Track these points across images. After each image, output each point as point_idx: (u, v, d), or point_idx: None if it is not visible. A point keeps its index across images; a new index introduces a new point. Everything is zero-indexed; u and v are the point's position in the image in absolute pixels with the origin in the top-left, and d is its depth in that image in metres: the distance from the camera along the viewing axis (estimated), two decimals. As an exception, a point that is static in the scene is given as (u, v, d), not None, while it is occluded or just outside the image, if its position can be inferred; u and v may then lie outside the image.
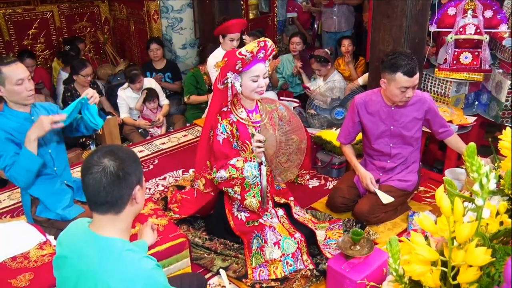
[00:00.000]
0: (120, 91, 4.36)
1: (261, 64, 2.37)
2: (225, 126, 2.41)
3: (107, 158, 1.37)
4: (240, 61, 2.29)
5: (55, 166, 2.52)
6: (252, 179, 2.40)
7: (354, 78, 4.52)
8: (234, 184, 2.39)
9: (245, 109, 2.48)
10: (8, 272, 1.99)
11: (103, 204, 1.38)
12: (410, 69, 2.44)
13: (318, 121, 4.17)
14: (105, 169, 1.35)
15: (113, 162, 1.36)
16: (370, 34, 3.58)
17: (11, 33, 5.40)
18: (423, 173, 3.15)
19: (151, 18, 5.34)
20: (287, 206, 2.63)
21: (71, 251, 1.43)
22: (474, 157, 1.08)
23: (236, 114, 2.45)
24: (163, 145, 4.04)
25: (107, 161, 1.36)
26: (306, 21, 6.26)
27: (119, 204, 1.39)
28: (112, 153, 1.39)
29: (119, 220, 1.42)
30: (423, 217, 1.16)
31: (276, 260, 2.34)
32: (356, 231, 2.03)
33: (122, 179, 1.37)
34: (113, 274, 1.32)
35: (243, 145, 2.46)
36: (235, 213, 2.52)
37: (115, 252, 1.36)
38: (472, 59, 3.46)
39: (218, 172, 2.38)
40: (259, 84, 2.37)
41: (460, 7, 3.41)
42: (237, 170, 2.37)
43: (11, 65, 2.28)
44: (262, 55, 2.36)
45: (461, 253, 1.09)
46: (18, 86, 2.29)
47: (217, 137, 2.41)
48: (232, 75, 2.36)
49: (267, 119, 2.50)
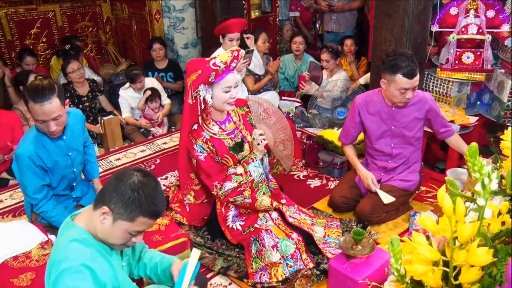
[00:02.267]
0: (122, 91, 4.36)
1: (232, 73, 2.33)
2: (201, 145, 2.37)
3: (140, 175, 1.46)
4: (214, 72, 2.22)
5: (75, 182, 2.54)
6: (260, 177, 2.41)
7: (356, 78, 4.52)
8: (243, 190, 2.38)
9: (216, 122, 2.43)
10: (10, 272, 2.00)
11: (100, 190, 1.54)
12: (410, 70, 2.43)
13: (320, 121, 4.17)
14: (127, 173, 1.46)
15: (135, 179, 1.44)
16: (372, 33, 3.57)
17: (13, 33, 5.40)
18: (425, 173, 3.15)
19: (153, 17, 5.34)
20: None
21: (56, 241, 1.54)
22: (476, 157, 1.08)
23: (208, 130, 2.39)
24: (164, 144, 4.04)
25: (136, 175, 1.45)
26: (309, 21, 6.25)
27: (98, 201, 1.48)
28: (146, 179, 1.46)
29: (92, 216, 1.50)
30: (425, 217, 1.16)
31: (276, 263, 2.32)
32: (358, 231, 2.03)
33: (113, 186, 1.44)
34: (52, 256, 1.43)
35: (223, 160, 2.44)
36: (230, 224, 2.51)
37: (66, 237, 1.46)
38: (474, 59, 3.45)
39: (223, 186, 2.36)
40: (231, 94, 2.33)
41: (462, 6, 3.40)
42: (242, 176, 2.36)
43: (36, 104, 2.12)
44: (234, 64, 2.31)
45: (462, 253, 1.09)
46: (40, 124, 2.22)
47: (198, 157, 2.36)
48: (203, 87, 2.28)
49: (242, 124, 2.48)
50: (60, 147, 2.37)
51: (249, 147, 2.48)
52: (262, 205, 2.44)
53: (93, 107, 4.46)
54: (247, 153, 2.46)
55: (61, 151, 2.38)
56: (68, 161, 2.42)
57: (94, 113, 4.44)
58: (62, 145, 2.38)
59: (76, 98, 4.32)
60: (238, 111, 2.54)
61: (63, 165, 2.41)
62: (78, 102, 4.34)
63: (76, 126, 2.47)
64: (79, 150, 2.50)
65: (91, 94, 4.42)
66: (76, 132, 2.46)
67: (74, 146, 2.45)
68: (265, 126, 2.47)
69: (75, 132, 2.46)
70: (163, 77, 4.99)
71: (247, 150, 2.47)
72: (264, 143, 2.38)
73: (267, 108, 2.55)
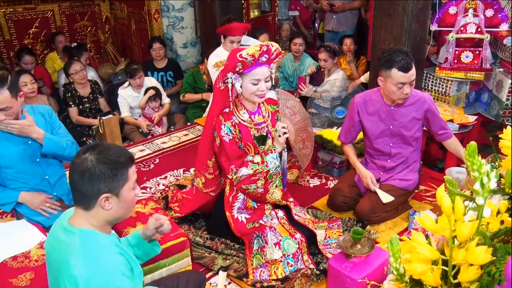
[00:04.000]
0: (121, 90, 4.36)
1: (264, 67, 2.35)
2: (229, 127, 2.41)
3: (89, 153, 1.42)
4: (240, 63, 2.27)
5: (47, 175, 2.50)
6: (275, 169, 2.43)
7: (356, 77, 4.52)
8: (257, 179, 2.41)
9: (247, 111, 2.47)
10: (9, 272, 1.99)
11: (74, 194, 1.45)
12: (404, 64, 2.44)
13: (319, 120, 4.16)
14: (78, 164, 1.41)
15: (90, 159, 1.40)
16: (371, 33, 3.57)
17: (12, 32, 5.40)
18: (424, 172, 3.15)
19: (152, 17, 5.34)
20: (286, 208, 2.63)
21: (52, 243, 1.49)
22: (475, 156, 1.08)
23: (238, 116, 2.44)
24: (164, 144, 4.04)
25: (85, 157, 1.41)
26: (308, 20, 6.25)
27: (86, 201, 1.44)
28: (96, 150, 1.43)
29: (90, 216, 1.47)
30: (424, 216, 1.16)
31: (277, 261, 2.34)
32: (357, 230, 2.03)
33: (88, 178, 1.40)
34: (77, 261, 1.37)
35: (246, 147, 2.46)
36: (235, 215, 2.52)
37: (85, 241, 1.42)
38: (473, 58, 3.45)
39: (238, 171, 2.38)
40: (259, 87, 2.36)
41: (461, 6, 3.41)
42: (259, 165, 2.39)
43: None
44: (265, 59, 2.33)
45: (461, 252, 1.09)
46: None
47: (223, 138, 2.40)
48: (232, 75, 2.34)
49: (269, 121, 2.50)
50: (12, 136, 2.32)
51: (271, 142, 2.50)
52: (273, 198, 2.47)
53: (93, 108, 4.46)
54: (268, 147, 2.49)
55: (16, 139, 2.33)
56: (27, 150, 2.37)
57: (94, 114, 4.44)
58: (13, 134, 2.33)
59: (77, 99, 4.33)
60: (268, 108, 2.58)
61: (21, 153, 2.37)
62: (79, 102, 4.34)
63: (40, 118, 2.44)
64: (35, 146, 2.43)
65: (92, 95, 4.42)
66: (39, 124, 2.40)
67: None
68: (289, 121, 2.48)
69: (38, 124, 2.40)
70: (162, 76, 4.99)
71: (268, 145, 2.50)
72: (285, 136, 2.41)
73: (292, 105, 2.60)
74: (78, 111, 4.37)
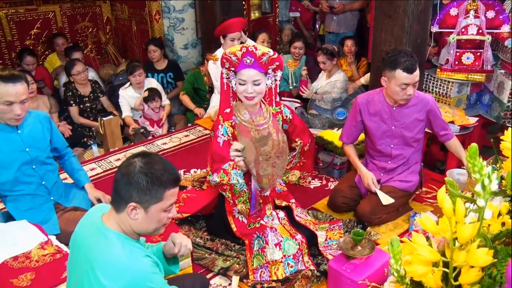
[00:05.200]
0: (122, 91, 4.37)
1: (251, 70, 2.33)
2: (226, 128, 2.40)
3: (139, 158, 1.43)
4: (225, 60, 2.32)
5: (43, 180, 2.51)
6: (240, 186, 2.37)
7: (356, 79, 4.52)
8: (225, 190, 2.40)
9: (248, 111, 2.46)
10: (10, 272, 1.99)
11: (112, 192, 1.46)
12: (409, 65, 2.45)
13: (320, 122, 4.16)
14: (125, 166, 1.42)
15: (137, 164, 1.41)
16: (372, 34, 3.57)
17: (13, 33, 5.40)
18: (425, 174, 3.14)
19: (153, 18, 5.34)
20: (288, 209, 2.62)
21: (82, 238, 1.49)
22: (476, 158, 1.08)
23: (239, 116, 2.43)
24: (164, 145, 4.04)
25: (136, 160, 1.42)
26: (308, 21, 6.25)
27: (118, 202, 1.44)
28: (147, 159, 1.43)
29: (119, 219, 1.46)
30: (425, 217, 1.16)
31: (277, 261, 2.34)
32: (358, 232, 2.03)
33: (126, 181, 1.40)
34: (105, 264, 1.37)
35: None
36: (236, 215, 2.52)
37: (114, 243, 1.41)
38: (474, 60, 3.45)
39: (213, 176, 2.38)
40: (246, 89, 2.34)
41: (462, 7, 3.40)
42: (226, 176, 2.35)
43: (8, 84, 2.18)
44: (249, 61, 2.32)
45: (462, 254, 1.09)
46: (5, 106, 2.23)
47: (217, 139, 2.40)
48: (227, 72, 2.41)
49: (271, 122, 2.49)
50: (15, 141, 2.36)
51: (272, 144, 2.47)
52: (242, 212, 2.46)
53: (94, 108, 4.48)
54: (269, 149, 2.45)
55: (16, 145, 2.36)
56: (25, 157, 2.40)
57: (94, 114, 4.46)
58: (17, 139, 2.36)
59: (78, 98, 4.35)
60: (270, 109, 2.55)
61: (19, 161, 2.39)
62: (79, 101, 4.36)
63: (38, 124, 2.47)
64: (40, 148, 2.47)
65: (93, 95, 4.44)
66: (36, 130, 2.45)
67: (33, 143, 2.43)
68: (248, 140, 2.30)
69: (37, 129, 2.45)
70: (162, 77, 4.99)
71: (269, 146, 2.46)
72: (237, 159, 2.27)
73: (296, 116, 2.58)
74: (79, 110, 4.38)
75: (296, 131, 2.62)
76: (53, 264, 2.09)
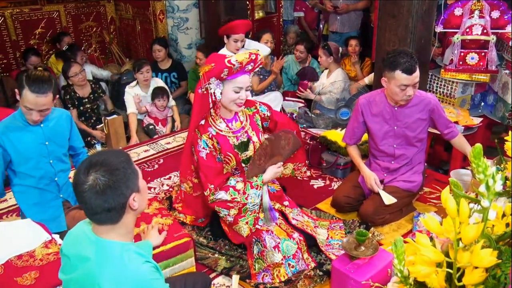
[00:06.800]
0: (128, 89, 4.35)
1: (246, 75, 2.33)
2: (205, 141, 2.36)
3: (93, 173, 1.32)
4: (227, 69, 2.22)
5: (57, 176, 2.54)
6: (252, 206, 2.37)
7: (360, 79, 4.51)
8: (231, 207, 2.36)
9: (224, 120, 2.43)
10: (14, 270, 2.00)
11: (99, 217, 1.37)
12: (409, 66, 2.44)
13: (324, 122, 4.16)
14: (92, 188, 1.31)
15: (100, 177, 1.32)
16: (376, 34, 3.57)
17: (18, 33, 5.43)
18: (428, 174, 3.14)
19: (157, 18, 5.35)
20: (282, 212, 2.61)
21: (73, 252, 1.44)
22: (480, 158, 1.08)
23: (215, 126, 2.39)
24: (168, 144, 4.05)
25: (93, 178, 1.32)
26: (313, 21, 6.24)
27: (114, 217, 1.39)
28: (98, 166, 1.34)
29: (118, 227, 1.42)
30: (428, 218, 1.16)
31: (278, 264, 2.33)
32: (361, 232, 2.03)
33: (110, 194, 1.33)
34: (108, 276, 1.33)
35: (226, 158, 2.43)
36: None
37: (114, 254, 1.37)
38: (479, 60, 3.44)
39: (217, 193, 2.34)
40: (240, 96, 2.33)
41: (467, 7, 3.39)
42: (239, 193, 2.33)
43: (33, 94, 2.22)
44: (250, 67, 2.32)
45: (466, 255, 1.08)
46: (25, 109, 2.30)
47: (200, 154, 2.35)
48: (215, 81, 2.28)
49: (248, 125, 2.48)
50: (36, 134, 2.41)
51: (253, 147, 2.47)
52: (240, 232, 2.41)
53: (94, 109, 4.44)
54: (251, 153, 2.46)
55: (36, 137, 2.41)
56: (43, 150, 2.44)
57: (96, 114, 4.44)
58: (39, 132, 2.41)
59: (77, 100, 4.31)
60: (245, 111, 2.53)
61: (37, 153, 2.43)
62: (78, 104, 4.32)
63: (61, 121, 2.52)
64: (58, 144, 2.51)
65: (93, 95, 4.41)
66: (60, 126, 2.51)
67: (53, 137, 2.48)
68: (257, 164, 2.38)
69: (59, 126, 2.50)
70: (166, 77, 5.00)
71: (251, 150, 2.47)
72: None
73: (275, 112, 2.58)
74: (79, 112, 4.34)
75: (278, 126, 2.61)
76: (57, 263, 2.09)
